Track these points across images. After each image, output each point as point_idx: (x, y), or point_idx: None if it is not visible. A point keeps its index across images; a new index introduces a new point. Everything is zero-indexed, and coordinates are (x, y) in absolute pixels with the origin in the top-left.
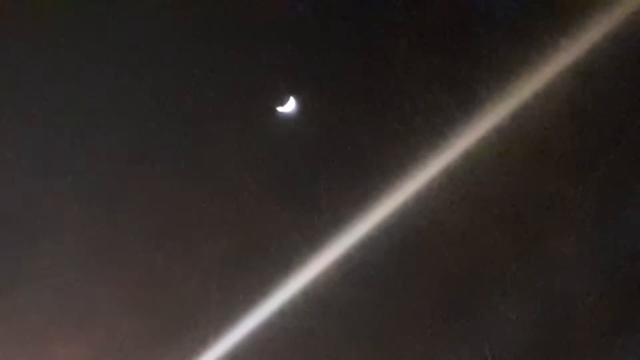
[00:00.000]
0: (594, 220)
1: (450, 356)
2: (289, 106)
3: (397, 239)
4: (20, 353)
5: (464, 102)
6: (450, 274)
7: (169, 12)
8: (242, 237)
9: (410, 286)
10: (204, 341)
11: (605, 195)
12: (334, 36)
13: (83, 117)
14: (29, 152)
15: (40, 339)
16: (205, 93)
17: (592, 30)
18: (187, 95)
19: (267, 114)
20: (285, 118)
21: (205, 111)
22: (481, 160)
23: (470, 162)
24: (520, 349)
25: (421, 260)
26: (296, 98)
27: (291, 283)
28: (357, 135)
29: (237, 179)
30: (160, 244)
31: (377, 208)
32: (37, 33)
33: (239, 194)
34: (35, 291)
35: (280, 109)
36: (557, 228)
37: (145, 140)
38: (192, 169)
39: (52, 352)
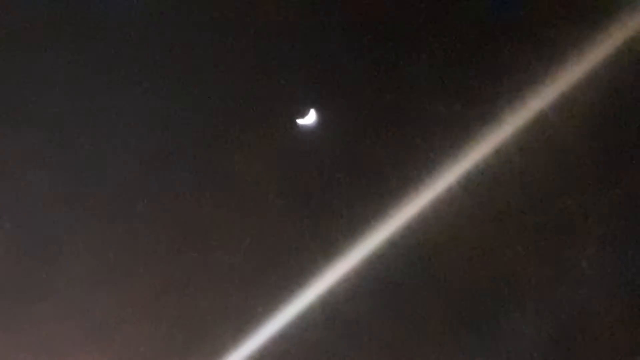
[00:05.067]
0: (614, 235)
1: None
2: (310, 118)
3: (415, 252)
4: None
5: (483, 115)
6: (468, 287)
7: (188, 22)
8: (260, 248)
9: (428, 299)
10: (221, 352)
11: (626, 209)
12: (354, 49)
13: (101, 128)
14: (46, 165)
15: (56, 348)
16: (225, 105)
17: (614, 42)
18: (207, 106)
19: (287, 126)
20: (306, 130)
21: (225, 122)
22: (500, 173)
23: (489, 175)
24: None
25: (439, 273)
26: (317, 110)
27: (309, 294)
28: (376, 148)
29: (256, 190)
30: (179, 255)
31: (396, 220)
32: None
33: (257, 205)
34: (52, 301)
35: (300, 121)
36: (576, 242)
37: (163, 151)
38: (211, 180)
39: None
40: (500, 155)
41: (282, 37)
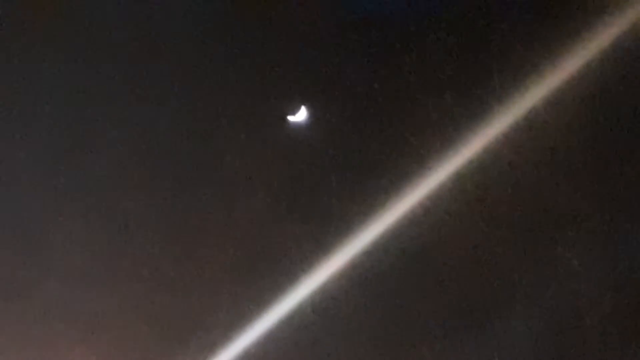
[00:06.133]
0: (605, 233)
1: None
2: (300, 115)
3: (407, 249)
4: (27, 358)
5: (476, 112)
6: (460, 284)
7: (178, 18)
8: (251, 244)
9: (420, 296)
10: (211, 349)
11: (617, 207)
12: (345, 45)
13: (88, 125)
14: (36, 161)
15: (46, 347)
16: (215, 101)
17: (607, 39)
18: (196, 102)
19: (277, 123)
20: (296, 127)
21: (215, 119)
22: (492, 170)
23: (481, 172)
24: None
25: (430, 270)
26: (307, 107)
27: (300, 291)
28: (367, 145)
29: (247, 186)
30: (169, 251)
31: (387, 217)
32: (41, 33)
33: (248, 201)
34: (42, 296)
35: (291, 117)
36: (567, 240)
37: (154, 148)
38: (201, 177)
39: (59, 357)
40: (492, 152)
41: (272, 33)
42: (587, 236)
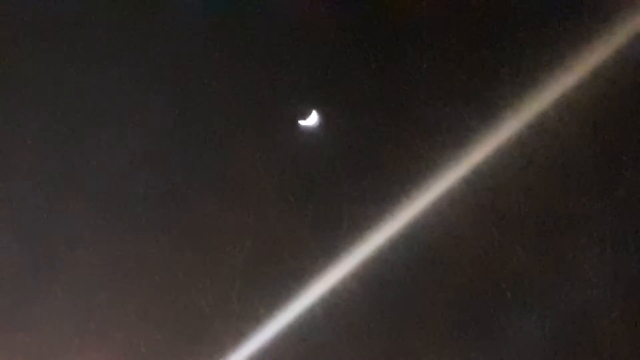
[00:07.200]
0: (616, 237)
1: None
2: (311, 119)
3: (417, 253)
4: None
5: (486, 116)
6: (470, 288)
7: (189, 24)
8: (262, 249)
9: (429, 300)
10: (222, 353)
11: (628, 212)
12: (356, 50)
13: (101, 128)
14: (48, 165)
15: (56, 349)
16: (226, 106)
17: (615, 43)
18: (208, 107)
19: (289, 127)
20: (308, 131)
21: (227, 124)
22: (502, 175)
23: (491, 177)
24: None
25: (440, 274)
26: (318, 111)
27: (310, 295)
28: (378, 149)
29: (258, 191)
30: (180, 256)
31: (397, 221)
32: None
33: (259, 206)
34: (52, 301)
35: (302, 122)
36: (578, 244)
37: (164, 152)
38: (213, 181)
39: None
40: (502, 156)
41: (283, 37)
42: (598, 240)
